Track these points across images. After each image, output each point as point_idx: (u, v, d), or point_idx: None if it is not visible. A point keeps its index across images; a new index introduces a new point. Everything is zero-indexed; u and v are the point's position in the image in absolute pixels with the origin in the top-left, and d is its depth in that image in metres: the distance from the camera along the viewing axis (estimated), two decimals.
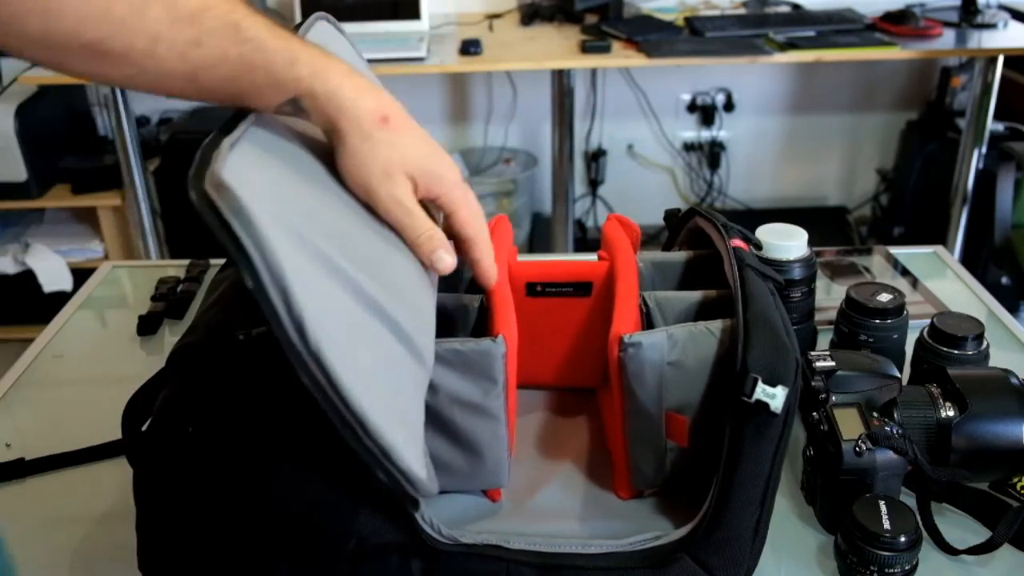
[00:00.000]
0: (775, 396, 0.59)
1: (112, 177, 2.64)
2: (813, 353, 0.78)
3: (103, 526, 0.77)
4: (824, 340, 0.95)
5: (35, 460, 0.84)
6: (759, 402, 0.59)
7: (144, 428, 0.65)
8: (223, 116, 0.58)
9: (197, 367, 0.61)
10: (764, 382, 0.59)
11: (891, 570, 0.66)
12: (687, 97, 3.04)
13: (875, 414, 0.72)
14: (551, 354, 0.85)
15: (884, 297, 0.87)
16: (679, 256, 0.81)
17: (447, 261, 0.60)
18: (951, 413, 0.74)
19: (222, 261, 1.15)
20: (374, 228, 0.59)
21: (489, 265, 0.65)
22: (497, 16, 2.80)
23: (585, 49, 2.39)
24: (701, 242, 0.80)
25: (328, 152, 0.59)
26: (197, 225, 0.49)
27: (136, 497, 0.60)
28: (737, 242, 0.72)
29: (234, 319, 0.64)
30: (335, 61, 0.56)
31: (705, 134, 3.09)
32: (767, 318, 0.63)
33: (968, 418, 0.73)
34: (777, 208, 3.17)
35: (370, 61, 2.72)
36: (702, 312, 0.73)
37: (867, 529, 0.66)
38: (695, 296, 0.74)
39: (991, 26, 2.53)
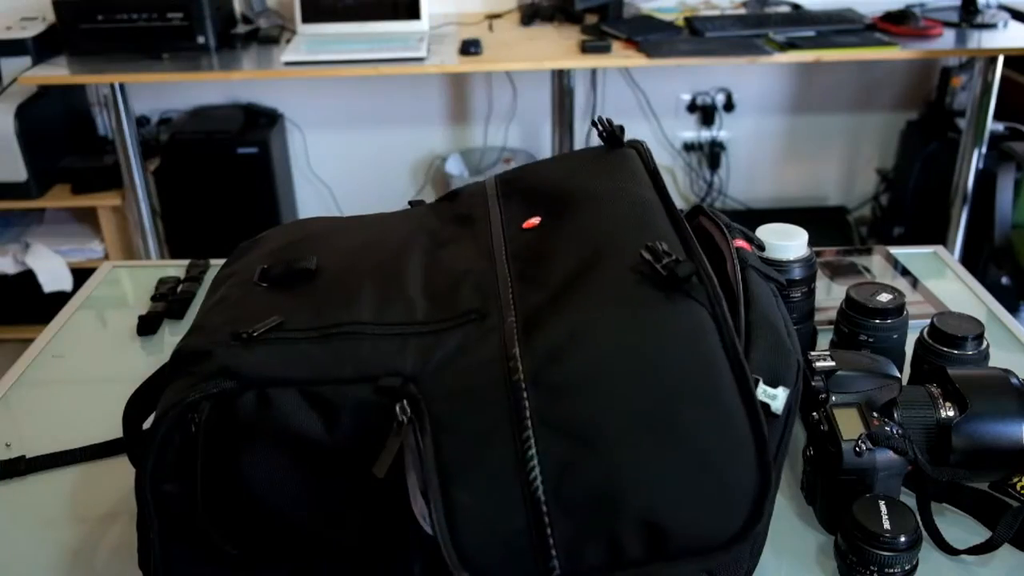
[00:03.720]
0: (776, 397, 0.59)
1: (112, 177, 2.65)
2: (813, 353, 0.78)
3: (103, 526, 0.77)
4: (824, 340, 0.95)
5: (35, 458, 0.84)
6: (760, 403, 0.59)
7: (145, 426, 0.65)
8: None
9: (200, 370, 0.61)
10: (765, 383, 0.59)
11: (891, 570, 0.66)
12: (687, 97, 3.04)
13: (875, 414, 0.72)
14: None
15: (884, 297, 0.87)
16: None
17: None
18: (951, 413, 0.74)
19: (222, 261, 1.15)
20: None
21: None
22: (497, 16, 2.80)
23: (585, 49, 2.39)
24: (702, 242, 0.80)
25: None
26: (197, 225, 0.49)
27: (137, 496, 0.60)
28: (740, 243, 0.72)
29: (238, 318, 0.64)
30: None
31: (705, 134, 3.09)
32: (769, 319, 0.63)
33: (968, 418, 0.73)
34: (777, 208, 3.17)
35: (370, 61, 2.70)
36: None
37: (867, 529, 0.66)
38: None
39: (991, 26, 2.53)
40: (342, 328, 0.62)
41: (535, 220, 0.71)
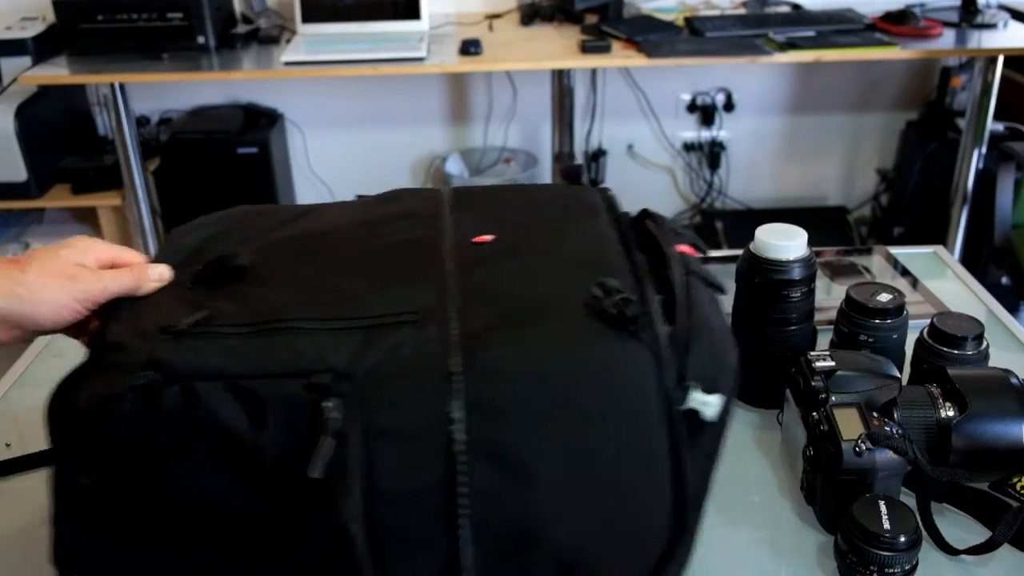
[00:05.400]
0: (708, 404, 0.58)
1: (112, 177, 2.65)
2: (813, 353, 0.78)
3: None
4: (824, 340, 0.95)
5: (30, 456, 0.84)
6: (692, 410, 0.58)
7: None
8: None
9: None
10: (701, 389, 0.58)
11: (891, 570, 0.66)
12: (687, 97, 3.04)
13: (875, 414, 0.72)
14: None
15: (884, 297, 0.87)
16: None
17: None
18: (951, 413, 0.74)
19: None
20: None
21: None
22: (497, 16, 2.80)
23: (585, 49, 2.39)
24: (648, 247, 0.79)
25: None
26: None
27: (54, 490, 0.58)
28: (684, 248, 0.71)
29: (166, 315, 0.62)
30: None
31: (705, 134, 3.09)
32: (708, 325, 0.62)
33: (968, 418, 0.73)
34: (777, 208, 3.17)
35: (370, 61, 2.69)
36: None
37: (867, 529, 0.66)
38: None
39: (991, 26, 2.53)
40: (276, 324, 0.60)
41: (488, 237, 0.69)
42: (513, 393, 0.56)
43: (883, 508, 0.67)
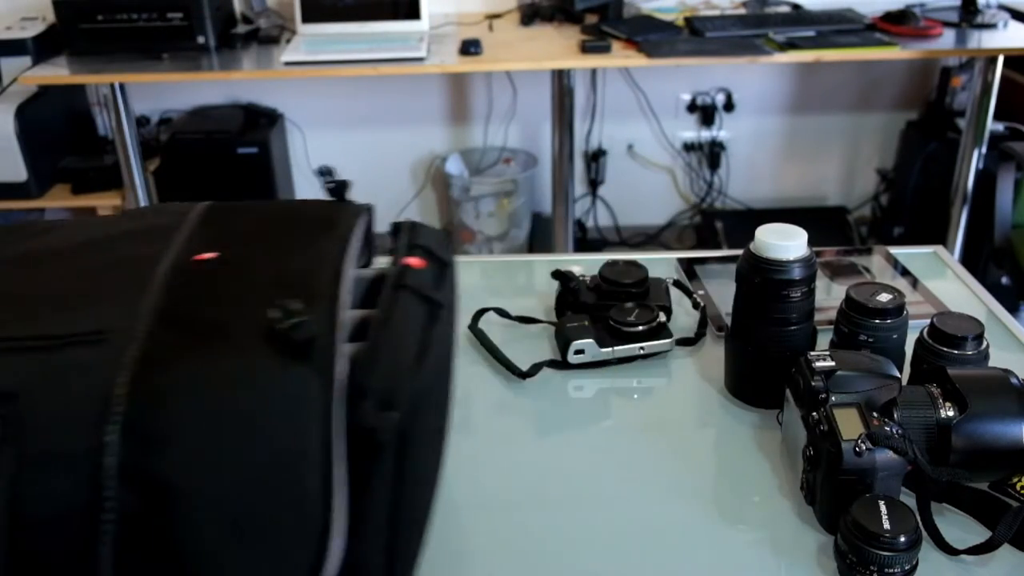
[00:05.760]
0: (385, 423, 0.57)
1: (112, 177, 2.65)
2: (813, 353, 0.78)
3: None
4: (824, 340, 0.95)
5: None
6: (368, 427, 0.57)
7: None
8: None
9: None
10: (378, 406, 0.57)
11: (891, 570, 0.66)
12: (687, 97, 3.04)
13: (875, 414, 0.72)
14: None
15: (884, 297, 0.87)
16: (367, 273, 0.77)
17: None
18: (951, 413, 0.74)
19: None
20: None
21: None
22: (497, 16, 2.80)
23: (585, 49, 2.39)
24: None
25: None
26: None
27: None
28: (412, 260, 0.69)
29: None
30: None
31: (705, 134, 3.09)
32: (399, 343, 0.61)
33: (968, 418, 0.73)
34: (777, 208, 3.18)
35: (370, 61, 2.69)
36: (360, 334, 0.68)
37: (867, 529, 0.66)
38: (355, 315, 0.69)
39: (991, 26, 2.53)
40: None
41: (210, 255, 0.67)
42: (172, 418, 0.54)
43: (883, 508, 0.67)
